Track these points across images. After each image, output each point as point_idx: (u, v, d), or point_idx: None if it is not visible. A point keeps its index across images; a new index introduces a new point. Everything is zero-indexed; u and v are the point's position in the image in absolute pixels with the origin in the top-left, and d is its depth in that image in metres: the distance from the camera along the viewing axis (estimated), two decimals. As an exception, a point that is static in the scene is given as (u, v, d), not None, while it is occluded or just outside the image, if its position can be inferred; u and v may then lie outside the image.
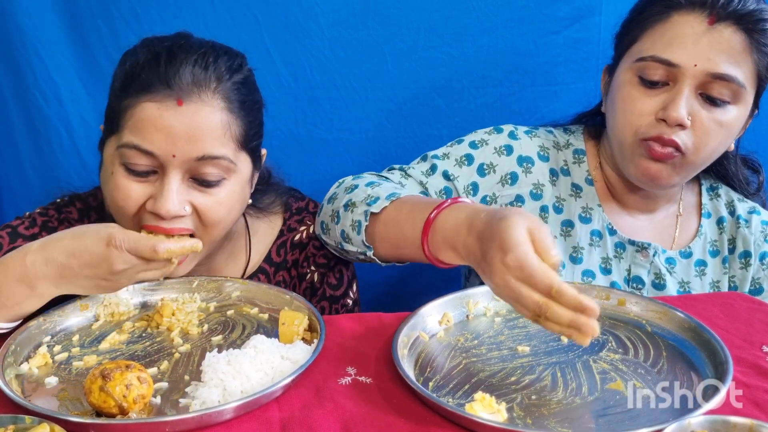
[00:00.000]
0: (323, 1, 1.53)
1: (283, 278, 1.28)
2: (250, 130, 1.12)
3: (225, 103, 1.07)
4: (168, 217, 1.05)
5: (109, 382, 0.81)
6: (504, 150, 1.30)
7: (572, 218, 1.30)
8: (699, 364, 0.93)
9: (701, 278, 1.31)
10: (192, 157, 1.04)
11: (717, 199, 1.37)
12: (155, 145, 1.03)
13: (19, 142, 1.59)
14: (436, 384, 0.89)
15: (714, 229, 1.35)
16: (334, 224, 1.17)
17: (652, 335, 1.02)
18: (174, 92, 1.03)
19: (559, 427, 0.81)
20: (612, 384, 0.90)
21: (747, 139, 1.33)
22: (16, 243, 1.15)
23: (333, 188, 1.25)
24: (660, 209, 1.34)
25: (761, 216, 1.35)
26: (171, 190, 1.04)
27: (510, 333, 1.02)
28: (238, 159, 1.10)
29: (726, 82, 1.13)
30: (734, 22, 1.13)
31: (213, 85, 1.06)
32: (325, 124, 1.60)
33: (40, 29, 1.50)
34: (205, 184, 1.07)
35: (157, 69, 1.04)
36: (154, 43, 1.09)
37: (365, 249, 1.12)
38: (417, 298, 1.42)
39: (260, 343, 0.92)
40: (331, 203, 1.20)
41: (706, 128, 1.15)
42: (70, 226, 1.15)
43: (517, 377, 0.91)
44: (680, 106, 1.13)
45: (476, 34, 1.56)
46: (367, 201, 1.11)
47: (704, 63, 1.13)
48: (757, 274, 1.32)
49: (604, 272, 1.29)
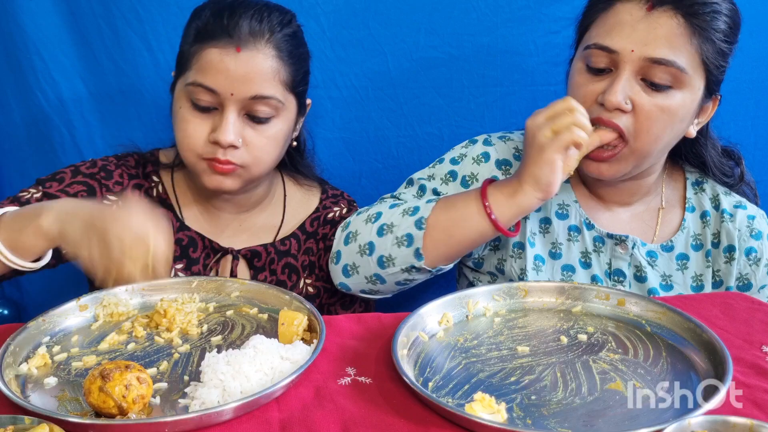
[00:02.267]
0: (324, 1, 1.54)
1: (310, 246, 1.40)
2: (297, 77, 1.27)
3: (276, 52, 1.22)
4: (225, 145, 1.21)
5: (109, 382, 0.81)
6: (482, 158, 1.34)
7: (549, 215, 1.33)
8: (699, 364, 0.93)
9: (683, 272, 1.32)
10: (247, 95, 1.20)
11: (702, 193, 1.37)
12: (217, 84, 1.19)
13: (21, 142, 1.60)
14: (436, 384, 0.89)
15: (698, 223, 1.35)
16: (366, 257, 1.22)
17: (651, 335, 1.01)
18: (234, 41, 1.19)
19: (558, 427, 0.81)
20: (612, 384, 0.90)
21: (729, 131, 1.33)
22: (77, 178, 1.29)
23: (339, 232, 1.29)
24: (638, 202, 1.35)
25: (747, 210, 1.34)
26: (229, 122, 1.20)
27: (510, 333, 1.02)
28: (287, 100, 1.26)
29: (665, 67, 1.15)
30: (672, 7, 1.14)
31: (266, 36, 1.21)
32: (326, 123, 1.60)
33: (42, 29, 1.51)
34: (257, 120, 1.23)
35: (221, 21, 1.20)
36: (218, 1, 1.24)
37: (415, 260, 1.18)
38: (418, 297, 1.43)
39: (260, 344, 0.92)
40: (352, 241, 1.24)
41: (647, 113, 1.16)
42: (126, 171, 1.33)
43: (516, 377, 0.91)
44: (617, 91, 1.15)
45: (476, 34, 1.57)
46: (408, 213, 1.20)
47: (641, 48, 1.14)
48: (744, 269, 1.32)
49: (584, 266, 1.31)
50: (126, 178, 1.32)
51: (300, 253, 1.38)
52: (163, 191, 1.34)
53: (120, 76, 1.55)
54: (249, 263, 1.35)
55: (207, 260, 1.32)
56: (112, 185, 1.30)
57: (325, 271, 1.39)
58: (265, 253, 1.35)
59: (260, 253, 1.35)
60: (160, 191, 1.34)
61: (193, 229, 1.33)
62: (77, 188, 1.27)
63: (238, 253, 1.34)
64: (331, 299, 1.41)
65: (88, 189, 1.28)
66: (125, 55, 1.54)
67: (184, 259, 1.31)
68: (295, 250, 1.38)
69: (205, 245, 1.33)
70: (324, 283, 1.40)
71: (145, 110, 1.58)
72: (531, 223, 1.32)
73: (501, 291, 1.10)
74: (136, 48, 1.53)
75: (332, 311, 1.41)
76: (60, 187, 1.26)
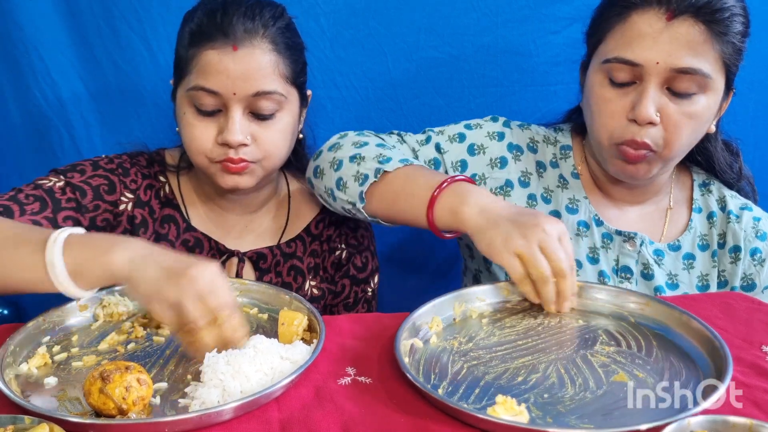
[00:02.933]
0: (324, 1, 1.54)
1: (315, 248, 1.41)
2: (296, 68, 1.27)
3: (272, 46, 1.22)
4: (234, 145, 1.21)
5: (109, 384, 0.81)
6: (496, 135, 1.35)
7: (559, 209, 1.33)
8: (694, 357, 0.94)
9: (689, 271, 1.33)
10: (249, 93, 1.20)
11: (708, 194, 1.38)
12: (218, 85, 1.19)
13: (20, 142, 1.59)
14: (446, 390, 0.88)
15: (704, 223, 1.36)
16: (332, 170, 1.25)
17: (638, 326, 1.03)
18: (230, 40, 1.19)
19: (580, 423, 0.81)
20: (616, 376, 0.90)
21: (730, 131, 1.35)
22: (98, 172, 1.28)
23: (335, 138, 1.32)
24: (648, 201, 1.36)
25: (753, 212, 1.36)
26: (235, 121, 1.20)
27: (501, 333, 1.02)
28: (289, 93, 1.26)
29: (690, 75, 1.15)
30: (692, 15, 1.13)
31: (261, 31, 1.21)
32: (326, 123, 1.60)
33: (41, 29, 1.51)
34: (261, 117, 1.23)
35: (214, 21, 1.20)
36: (208, 2, 1.25)
37: (358, 201, 1.20)
38: (417, 297, 1.43)
39: (260, 343, 0.91)
40: (333, 151, 1.27)
41: (675, 122, 1.17)
42: (140, 171, 1.33)
43: (523, 377, 0.91)
44: (647, 105, 1.15)
45: (476, 34, 1.57)
46: (379, 159, 1.20)
47: (666, 59, 1.14)
48: (749, 269, 1.33)
49: (592, 261, 1.31)
50: (140, 177, 1.31)
51: (305, 255, 1.38)
52: (170, 192, 1.34)
53: (119, 76, 1.55)
54: (255, 265, 1.35)
55: None
56: (129, 183, 1.29)
57: (330, 273, 1.40)
58: (270, 255, 1.35)
59: (266, 255, 1.35)
60: (167, 192, 1.34)
61: (199, 230, 1.33)
62: (99, 181, 1.26)
63: (244, 255, 1.34)
64: (335, 300, 1.42)
65: (109, 183, 1.27)
66: (125, 55, 1.54)
67: None
68: (301, 252, 1.38)
69: (211, 246, 1.33)
70: (329, 284, 1.41)
71: (144, 110, 1.58)
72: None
73: (484, 292, 1.10)
74: (136, 48, 1.53)
75: (335, 312, 1.42)
76: (82, 179, 1.25)
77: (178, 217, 1.33)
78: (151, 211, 1.31)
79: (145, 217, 1.30)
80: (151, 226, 1.30)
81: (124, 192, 1.29)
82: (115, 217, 1.28)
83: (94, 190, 1.25)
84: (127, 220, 1.29)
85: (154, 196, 1.32)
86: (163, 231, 1.31)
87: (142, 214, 1.30)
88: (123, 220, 1.28)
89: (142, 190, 1.31)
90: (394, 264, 1.71)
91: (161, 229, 1.31)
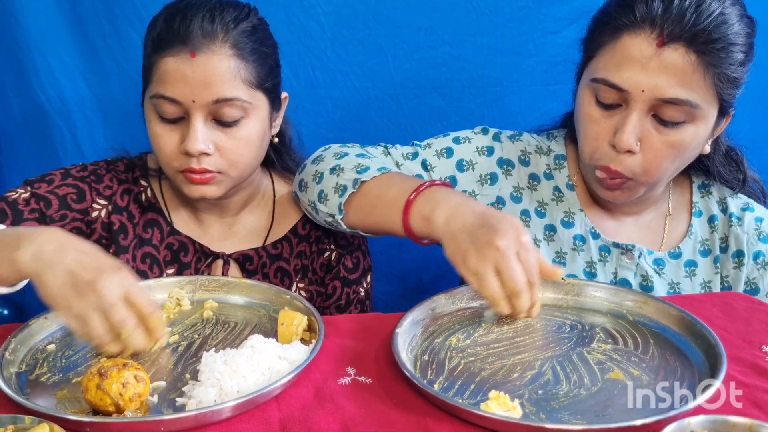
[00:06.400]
0: (325, 1, 1.54)
1: (303, 249, 1.37)
2: (262, 72, 1.22)
3: (233, 50, 1.18)
4: (195, 154, 1.18)
5: (106, 380, 0.81)
6: (485, 150, 1.33)
7: (554, 223, 1.31)
8: (691, 355, 0.94)
9: (691, 279, 1.30)
10: (209, 100, 1.16)
11: (708, 196, 1.34)
12: (177, 93, 1.16)
13: (23, 142, 1.60)
14: (442, 386, 0.89)
15: (705, 227, 1.33)
16: (314, 183, 1.22)
17: (635, 324, 1.03)
18: (187, 46, 1.16)
19: (573, 419, 0.82)
20: (611, 374, 0.91)
21: (729, 131, 1.31)
22: (67, 181, 1.27)
23: (319, 151, 1.30)
24: (646, 211, 1.33)
25: (755, 213, 1.32)
26: (196, 129, 1.17)
27: (499, 330, 1.02)
28: (254, 98, 1.21)
29: (677, 106, 1.11)
30: (684, 44, 1.08)
31: (221, 35, 1.17)
32: (327, 123, 1.60)
33: (44, 29, 1.51)
34: (225, 124, 1.19)
35: (173, 27, 1.17)
36: (170, 6, 1.22)
37: (337, 212, 1.18)
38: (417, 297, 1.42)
39: (257, 343, 0.92)
40: (316, 164, 1.25)
41: (657, 151, 1.14)
42: (116, 176, 1.31)
43: (519, 373, 0.91)
44: (627, 133, 1.12)
45: (476, 34, 1.57)
46: (357, 169, 1.18)
47: (653, 88, 1.10)
48: (752, 273, 1.30)
49: (589, 276, 1.28)
50: (116, 183, 1.30)
51: (292, 257, 1.36)
52: (152, 195, 1.32)
53: (122, 75, 1.56)
54: (241, 267, 1.33)
55: (198, 264, 1.30)
56: (102, 189, 1.28)
57: (319, 275, 1.38)
58: (256, 257, 1.33)
59: (252, 257, 1.33)
60: (149, 196, 1.32)
61: (183, 233, 1.31)
62: (67, 190, 1.25)
63: (229, 257, 1.32)
64: (326, 303, 1.39)
65: (78, 192, 1.26)
66: (127, 55, 1.54)
67: (176, 264, 1.30)
68: (287, 254, 1.35)
69: (195, 249, 1.31)
70: (317, 287, 1.38)
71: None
72: (535, 229, 1.30)
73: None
74: (138, 47, 1.52)
75: (327, 314, 1.40)
76: (49, 189, 1.24)
77: (161, 221, 1.31)
78: (130, 216, 1.29)
79: (124, 222, 1.29)
80: (131, 232, 1.29)
81: (96, 199, 1.27)
82: (87, 225, 1.26)
83: (61, 200, 1.24)
84: (102, 228, 1.27)
85: (132, 200, 1.30)
86: (146, 235, 1.29)
87: (120, 220, 1.28)
88: (97, 227, 1.27)
89: (118, 195, 1.29)
90: (394, 264, 1.71)
91: (144, 234, 1.29)
